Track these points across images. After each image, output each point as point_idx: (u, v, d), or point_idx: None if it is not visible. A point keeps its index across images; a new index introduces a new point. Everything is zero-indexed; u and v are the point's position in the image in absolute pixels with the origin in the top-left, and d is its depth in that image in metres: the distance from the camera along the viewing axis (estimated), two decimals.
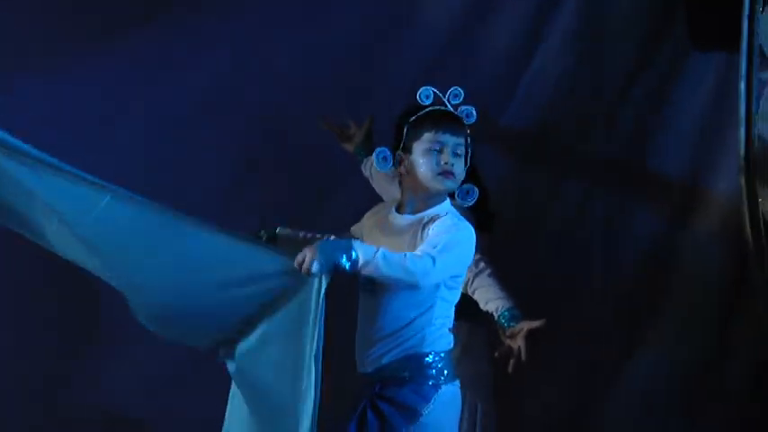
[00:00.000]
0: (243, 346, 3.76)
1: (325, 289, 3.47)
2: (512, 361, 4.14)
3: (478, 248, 4.02)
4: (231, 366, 3.76)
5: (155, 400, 5.64)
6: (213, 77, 5.79)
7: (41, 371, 5.63)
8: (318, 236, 4.00)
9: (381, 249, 3.40)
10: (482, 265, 4.36)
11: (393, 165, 3.64)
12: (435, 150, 3.54)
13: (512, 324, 4.21)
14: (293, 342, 3.57)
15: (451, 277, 3.56)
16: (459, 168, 3.62)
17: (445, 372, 3.68)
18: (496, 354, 4.23)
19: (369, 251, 3.38)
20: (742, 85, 5.21)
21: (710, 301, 5.91)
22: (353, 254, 3.34)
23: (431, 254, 3.42)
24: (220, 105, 5.71)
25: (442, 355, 3.67)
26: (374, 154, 3.69)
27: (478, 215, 4.30)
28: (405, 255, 3.46)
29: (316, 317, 3.46)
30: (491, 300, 4.29)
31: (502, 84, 5.82)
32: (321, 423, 3.53)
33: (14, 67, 5.81)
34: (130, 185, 3.87)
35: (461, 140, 3.62)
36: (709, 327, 5.92)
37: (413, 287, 3.48)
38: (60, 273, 4.75)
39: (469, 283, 4.33)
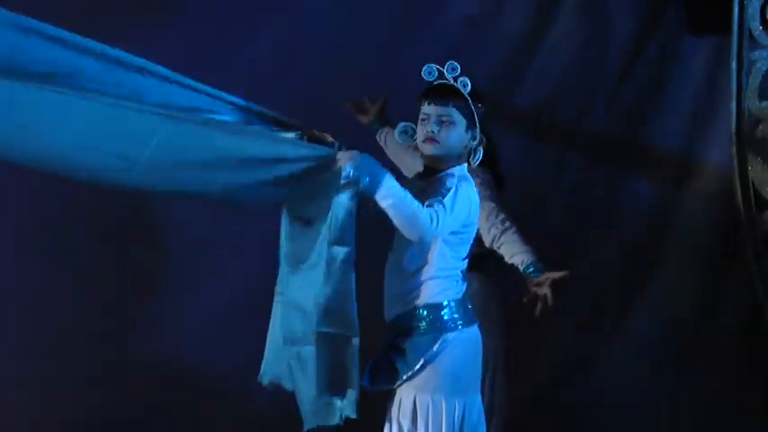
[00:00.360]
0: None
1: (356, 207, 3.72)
2: (539, 306, 4.55)
3: (499, 206, 4.65)
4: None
5: (208, 345, 5.96)
6: (250, 75, 5.97)
7: (113, 316, 5.93)
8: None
9: (406, 191, 3.66)
10: (507, 224, 4.75)
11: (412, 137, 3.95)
12: (423, 120, 3.82)
13: (537, 275, 4.62)
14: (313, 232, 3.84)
15: (451, 233, 3.79)
16: (445, 134, 3.87)
17: (458, 319, 3.91)
18: (525, 299, 4.62)
19: (394, 186, 3.65)
20: (733, 65, 5.63)
21: (705, 261, 6.24)
22: (379, 179, 3.62)
23: (431, 215, 3.66)
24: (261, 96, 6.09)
25: (452, 303, 3.89)
26: (397, 128, 4.00)
27: (494, 176, 4.75)
28: (419, 206, 3.68)
29: (330, 217, 3.70)
30: (516, 254, 4.68)
31: (516, 66, 6.12)
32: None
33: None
34: None
35: (447, 110, 3.86)
36: (702, 284, 6.25)
37: (413, 239, 3.74)
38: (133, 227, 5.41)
39: (496, 239, 4.72)
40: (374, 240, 3.95)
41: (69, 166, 4.00)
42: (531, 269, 4.71)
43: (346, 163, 3.65)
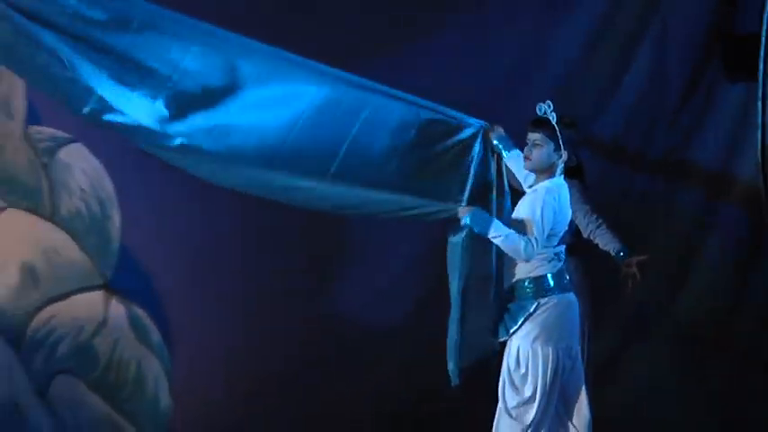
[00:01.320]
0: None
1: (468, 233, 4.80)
2: (630, 281, 5.65)
3: (593, 208, 5.71)
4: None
5: (379, 313, 6.90)
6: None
7: (303, 288, 6.80)
8: None
9: (509, 231, 4.71)
10: (600, 221, 5.85)
11: None
12: (526, 143, 4.81)
13: (625, 258, 5.71)
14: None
15: (547, 237, 4.78)
16: (536, 154, 4.86)
17: (553, 287, 4.89)
18: (621, 275, 5.70)
19: (499, 228, 4.72)
20: (759, 104, 6.84)
21: (736, 260, 7.35)
22: (488, 225, 4.70)
23: (527, 246, 4.68)
24: None
25: (548, 276, 4.87)
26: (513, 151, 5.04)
27: (584, 186, 5.81)
28: (519, 238, 4.73)
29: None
30: (608, 243, 5.77)
31: (600, 102, 7.27)
32: None
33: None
34: None
35: (538, 135, 4.83)
36: (732, 279, 7.31)
37: (519, 260, 4.82)
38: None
39: (592, 232, 5.81)
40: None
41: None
42: (621, 254, 5.76)
43: (464, 214, 4.74)
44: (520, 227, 4.85)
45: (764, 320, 7.38)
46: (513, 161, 5.06)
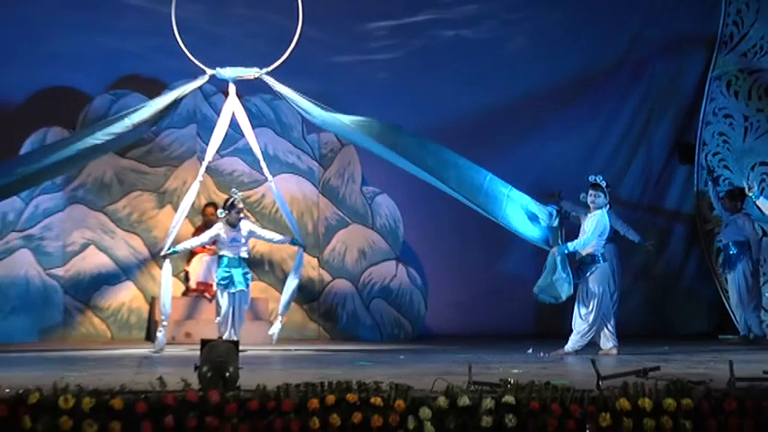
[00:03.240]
0: None
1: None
2: (646, 252, 10.99)
3: (620, 218, 10.97)
4: None
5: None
6: None
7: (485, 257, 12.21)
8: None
9: (574, 244, 9.09)
10: (628, 226, 11.01)
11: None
12: (589, 195, 9.21)
13: (644, 243, 11.00)
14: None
15: (598, 235, 9.18)
16: (594, 200, 9.13)
17: (599, 258, 9.32)
18: (644, 251, 11.19)
19: (568, 248, 9.08)
20: (695, 176, 11.87)
21: (683, 249, 12.51)
22: (564, 250, 9.11)
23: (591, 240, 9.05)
24: None
25: (598, 254, 9.29)
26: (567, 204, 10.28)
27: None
28: (580, 244, 9.18)
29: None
30: (634, 236, 11.03)
31: (620, 175, 12.17)
32: None
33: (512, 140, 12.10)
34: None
35: (594, 191, 9.11)
36: (681, 257, 12.51)
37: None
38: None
39: (626, 232, 11.02)
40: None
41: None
42: (642, 242, 10.97)
43: (554, 252, 8.99)
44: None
45: (692, 278, 12.53)
46: (569, 207, 10.16)
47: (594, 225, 9.31)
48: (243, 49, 11.09)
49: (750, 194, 10.22)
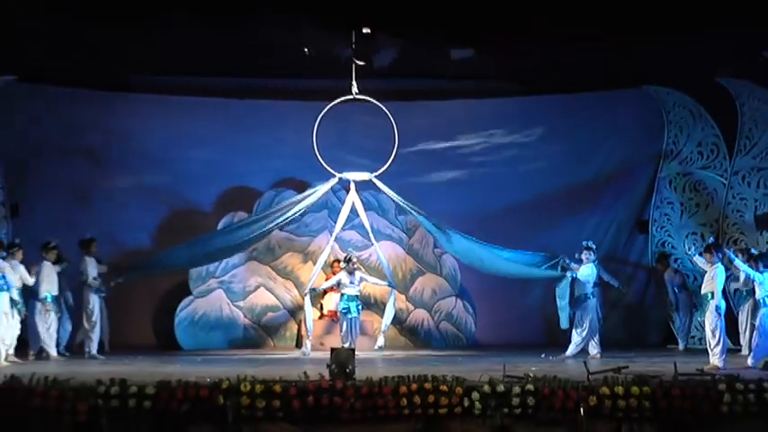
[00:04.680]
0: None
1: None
2: (623, 292, 10.17)
3: (604, 268, 10.01)
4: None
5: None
6: None
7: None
8: None
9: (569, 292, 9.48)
10: (609, 274, 9.91)
11: None
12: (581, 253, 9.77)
13: (622, 286, 10.08)
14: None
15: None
16: (586, 257, 9.00)
17: (591, 296, 9.27)
18: (622, 291, 10.13)
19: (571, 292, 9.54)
20: (649, 242, 11.46)
21: (643, 285, 11.70)
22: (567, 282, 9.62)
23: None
24: None
25: (590, 291, 9.22)
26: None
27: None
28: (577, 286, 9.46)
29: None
30: (614, 282, 9.89)
31: (602, 239, 11.43)
32: None
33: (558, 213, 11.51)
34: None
35: (586, 251, 9.24)
36: (643, 289, 11.68)
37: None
38: None
39: (608, 279, 9.85)
40: None
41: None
42: (620, 286, 9.95)
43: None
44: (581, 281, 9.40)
45: (649, 307, 11.69)
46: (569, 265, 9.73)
47: (588, 274, 9.44)
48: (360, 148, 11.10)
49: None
